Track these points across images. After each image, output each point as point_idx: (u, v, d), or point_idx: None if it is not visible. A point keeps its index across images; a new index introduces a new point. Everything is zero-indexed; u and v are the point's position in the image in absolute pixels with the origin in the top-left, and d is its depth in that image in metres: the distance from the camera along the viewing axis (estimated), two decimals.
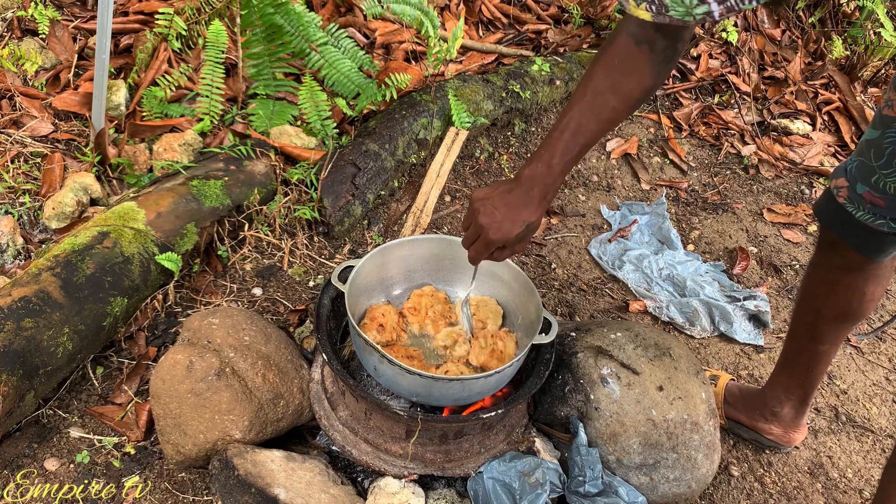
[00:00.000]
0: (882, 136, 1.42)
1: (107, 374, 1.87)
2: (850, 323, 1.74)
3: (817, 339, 1.79)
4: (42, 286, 1.70)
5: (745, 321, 2.43)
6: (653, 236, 2.74)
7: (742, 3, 1.00)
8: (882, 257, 1.60)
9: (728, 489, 1.96)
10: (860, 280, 1.65)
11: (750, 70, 3.54)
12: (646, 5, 1.07)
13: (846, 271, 1.65)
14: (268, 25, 2.46)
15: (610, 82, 1.30)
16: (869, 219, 1.50)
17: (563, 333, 1.90)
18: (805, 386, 1.89)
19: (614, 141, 3.12)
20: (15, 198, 2.13)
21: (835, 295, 1.70)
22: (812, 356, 1.83)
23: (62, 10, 2.68)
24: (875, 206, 1.48)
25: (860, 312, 1.70)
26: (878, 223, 1.50)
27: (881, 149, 1.42)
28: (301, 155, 2.38)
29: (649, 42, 1.26)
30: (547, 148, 1.36)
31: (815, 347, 1.81)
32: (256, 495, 1.50)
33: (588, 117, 1.32)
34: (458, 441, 1.66)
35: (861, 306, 1.69)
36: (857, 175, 1.50)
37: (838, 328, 1.76)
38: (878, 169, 1.44)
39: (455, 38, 2.61)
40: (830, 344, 1.79)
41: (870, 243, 1.56)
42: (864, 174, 1.48)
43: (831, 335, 1.78)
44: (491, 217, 1.40)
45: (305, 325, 2.03)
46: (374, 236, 2.42)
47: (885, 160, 1.42)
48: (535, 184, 1.37)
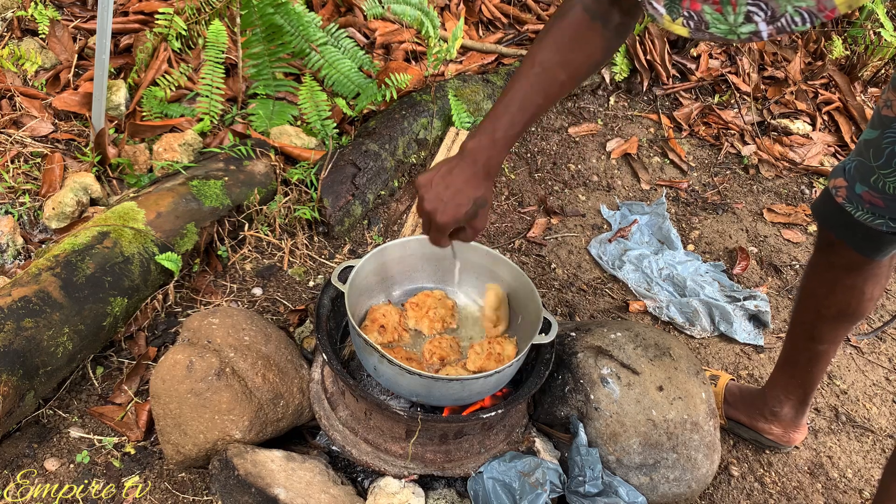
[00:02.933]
0: (881, 137, 1.42)
1: (107, 374, 1.87)
2: (849, 323, 1.74)
3: (816, 338, 1.79)
4: (42, 286, 1.70)
5: (745, 321, 2.43)
6: (653, 236, 2.74)
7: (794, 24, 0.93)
8: (881, 257, 1.59)
9: (728, 489, 1.96)
10: (859, 280, 1.65)
11: (750, 70, 3.54)
12: (682, 21, 1.01)
13: (845, 271, 1.65)
14: (268, 25, 2.46)
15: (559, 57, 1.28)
16: (868, 218, 1.50)
17: (563, 333, 1.90)
18: (805, 386, 1.89)
19: (614, 141, 3.12)
20: (15, 198, 2.14)
21: (834, 295, 1.70)
22: (812, 356, 1.83)
23: (62, 10, 2.68)
24: (874, 206, 1.48)
25: (859, 312, 1.71)
26: (877, 223, 1.50)
27: (880, 149, 1.42)
28: (301, 155, 2.38)
29: (604, 17, 1.24)
30: (492, 120, 1.34)
31: (815, 347, 1.81)
32: (256, 495, 1.50)
33: (536, 91, 1.31)
34: (458, 441, 1.66)
35: (860, 306, 1.69)
36: (856, 175, 1.50)
37: (837, 328, 1.76)
38: (877, 169, 1.44)
39: (455, 38, 2.61)
40: (830, 343, 1.79)
41: (869, 243, 1.56)
42: (862, 174, 1.48)
43: (830, 335, 1.78)
44: (436, 201, 1.37)
45: (305, 325, 2.03)
46: (374, 236, 2.42)
47: (885, 160, 1.41)
48: (479, 157, 1.35)
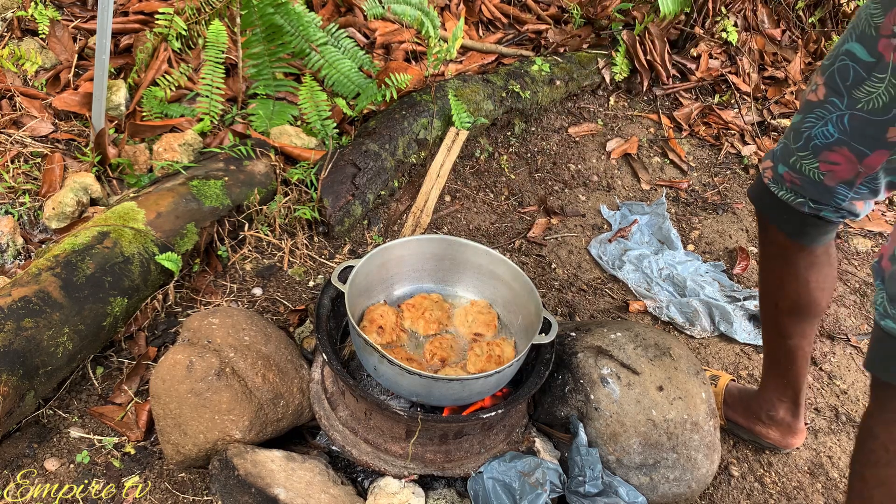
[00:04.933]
0: (802, 121, 1.49)
1: (107, 374, 1.87)
2: (807, 316, 1.76)
3: (783, 333, 1.81)
4: (42, 286, 1.70)
5: (745, 321, 2.43)
6: (653, 236, 2.74)
7: None
8: (810, 242, 1.64)
9: (728, 489, 1.96)
10: (800, 268, 1.69)
11: (750, 70, 3.53)
12: None
13: (783, 261, 1.70)
14: (268, 25, 2.46)
15: None
16: (790, 198, 1.57)
17: (563, 333, 1.90)
18: (793, 385, 1.89)
19: (614, 141, 3.12)
20: (15, 198, 2.14)
21: (783, 287, 1.74)
22: (786, 352, 1.84)
23: (62, 10, 2.68)
24: (794, 185, 1.55)
25: (812, 303, 1.73)
26: (798, 202, 1.56)
27: (799, 132, 1.49)
28: (301, 155, 2.38)
29: None
30: None
31: (785, 343, 1.83)
32: (256, 495, 1.50)
33: None
34: (458, 441, 1.66)
35: (809, 296, 1.71)
36: (780, 156, 1.57)
37: (798, 322, 1.78)
38: (795, 151, 1.51)
39: (455, 38, 2.61)
40: (799, 338, 1.80)
41: (793, 226, 1.62)
42: (784, 156, 1.55)
43: (794, 329, 1.79)
44: None
45: (305, 325, 2.03)
46: (374, 236, 2.42)
47: (803, 143, 1.49)
48: None
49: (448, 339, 1.80)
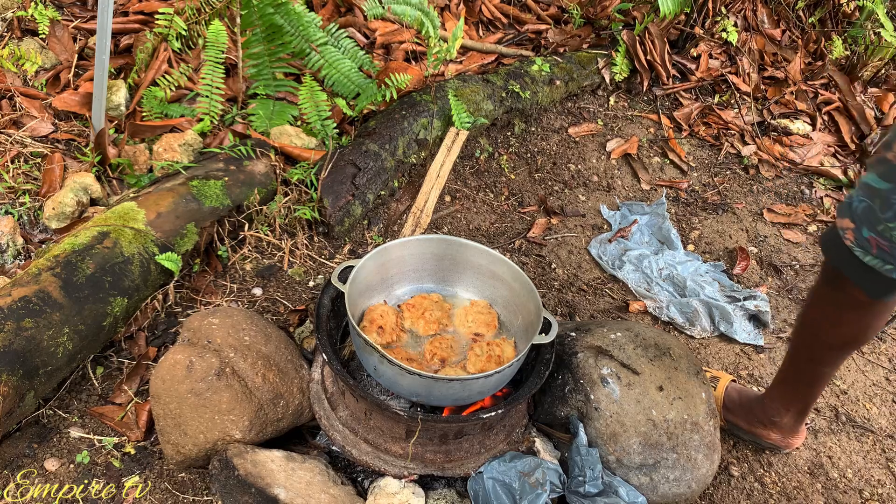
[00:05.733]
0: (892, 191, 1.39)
1: (107, 374, 1.87)
2: (853, 349, 1.74)
3: (820, 362, 1.78)
4: (42, 286, 1.70)
5: (745, 321, 2.43)
6: (653, 236, 2.74)
7: None
8: (889, 298, 1.56)
9: (728, 489, 1.96)
10: (867, 316, 1.62)
11: (750, 70, 3.53)
12: None
13: (852, 309, 1.62)
14: (268, 25, 2.46)
15: None
16: (877, 264, 1.46)
17: (563, 333, 1.90)
18: (805, 399, 1.89)
19: (614, 141, 3.12)
20: (15, 198, 2.14)
21: (839, 328, 1.67)
22: (814, 377, 1.83)
23: (62, 10, 2.68)
24: (882, 251, 1.45)
25: (863, 340, 1.71)
26: (887, 269, 1.46)
27: (889, 203, 1.39)
28: (301, 155, 2.38)
29: None
30: None
31: (818, 370, 1.81)
32: (256, 495, 1.50)
33: None
34: (458, 441, 1.66)
35: (865, 335, 1.68)
36: (864, 219, 1.46)
37: (840, 356, 1.75)
38: (884, 220, 1.41)
39: (455, 38, 2.61)
40: (833, 367, 1.79)
41: (877, 286, 1.53)
42: (870, 220, 1.44)
43: (834, 359, 1.77)
44: None
45: (305, 325, 2.03)
46: (374, 236, 2.42)
47: (893, 213, 1.39)
48: None
49: (448, 339, 1.80)
